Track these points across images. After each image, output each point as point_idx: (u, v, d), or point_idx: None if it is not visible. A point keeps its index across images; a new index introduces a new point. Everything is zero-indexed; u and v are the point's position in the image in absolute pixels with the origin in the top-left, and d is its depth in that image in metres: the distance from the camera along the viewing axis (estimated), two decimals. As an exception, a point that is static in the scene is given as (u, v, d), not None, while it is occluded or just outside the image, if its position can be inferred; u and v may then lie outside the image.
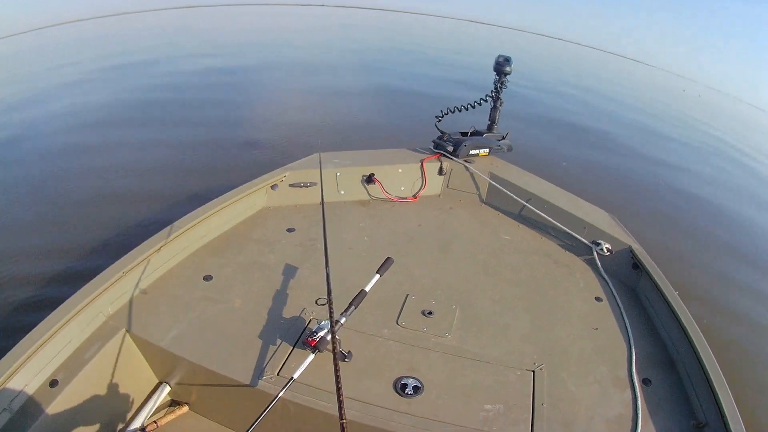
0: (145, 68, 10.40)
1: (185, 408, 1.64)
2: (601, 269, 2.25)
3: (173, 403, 1.67)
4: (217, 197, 2.22)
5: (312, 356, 1.42)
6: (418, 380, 1.49)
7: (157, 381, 1.67)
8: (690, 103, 23.75)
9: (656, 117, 14.03)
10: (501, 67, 2.89)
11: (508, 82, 2.94)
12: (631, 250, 2.29)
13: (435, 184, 2.87)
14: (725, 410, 1.41)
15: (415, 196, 2.77)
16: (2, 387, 1.29)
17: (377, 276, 1.61)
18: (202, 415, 1.64)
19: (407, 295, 1.89)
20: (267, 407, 1.24)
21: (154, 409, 1.59)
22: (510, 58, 2.89)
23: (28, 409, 1.32)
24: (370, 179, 2.69)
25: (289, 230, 2.29)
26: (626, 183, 6.45)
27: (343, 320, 1.48)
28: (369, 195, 2.71)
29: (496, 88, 2.94)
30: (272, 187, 2.48)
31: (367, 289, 1.57)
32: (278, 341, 1.59)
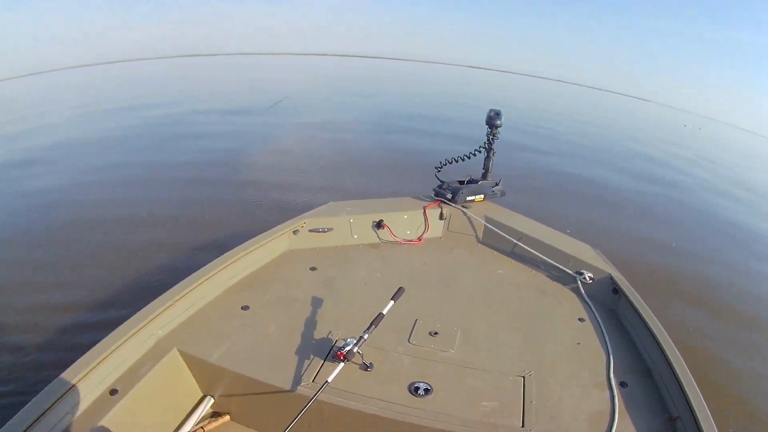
0: (158, 121, 11.59)
1: (227, 417, 1.89)
2: (585, 295, 2.54)
3: (215, 414, 1.92)
4: (246, 241, 2.56)
5: (342, 365, 1.72)
6: (428, 384, 1.78)
7: (202, 394, 1.93)
8: (700, 140, 24.81)
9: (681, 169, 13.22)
10: (492, 120, 3.25)
11: (499, 133, 3.30)
12: (611, 278, 2.59)
13: (437, 227, 3.22)
14: (694, 405, 1.65)
15: (419, 239, 3.10)
16: (67, 393, 1.54)
17: (392, 302, 1.97)
18: (242, 424, 1.89)
19: (416, 319, 2.20)
20: (306, 405, 1.52)
21: (198, 420, 1.85)
22: (500, 111, 3.25)
23: (90, 413, 1.57)
24: (379, 225, 3.04)
25: (312, 269, 2.62)
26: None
27: (366, 336, 1.81)
28: (379, 239, 3.05)
29: (488, 140, 3.32)
30: (294, 232, 2.83)
31: (384, 311, 1.92)
32: (311, 356, 1.89)
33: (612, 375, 1.93)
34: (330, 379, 1.64)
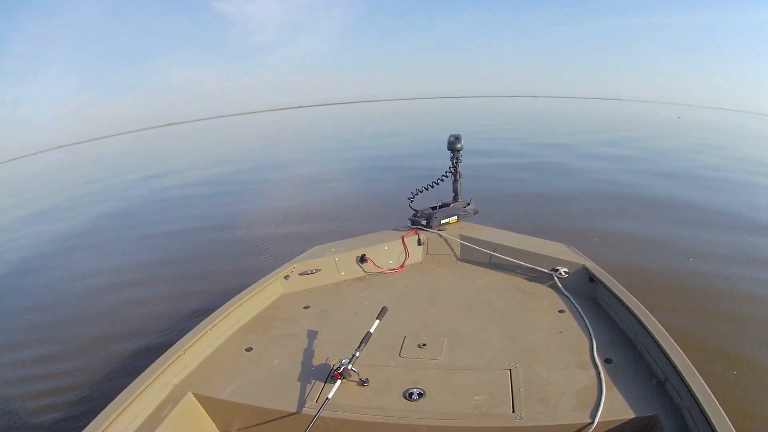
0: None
1: None
2: (562, 288, 2.72)
3: None
4: (241, 291, 2.75)
5: (339, 382, 1.89)
6: (421, 389, 1.95)
7: None
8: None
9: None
10: (453, 145, 3.49)
11: (462, 156, 3.55)
12: (585, 268, 2.76)
13: (417, 253, 3.43)
14: (679, 366, 1.77)
15: (402, 266, 3.30)
16: None
17: (377, 321, 2.18)
18: None
19: (405, 336, 2.37)
20: (311, 422, 1.69)
21: None
22: (459, 135, 3.48)
23: None
24: (363, 259, 3.24)
25: (305, 308, 2.80)
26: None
27: (357, 354, 1.99)
28: (364, 271, 3.24)
29: (453, 164, 3.56)
30: (285, 277, 3.04)
31: (371, 330, 2.12)
32: (313, 380, 2.06)
33: (596, 354, 2.06)
34: (330, 396, 1.81)
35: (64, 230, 9.66)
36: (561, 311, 2.53)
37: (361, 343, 2.04)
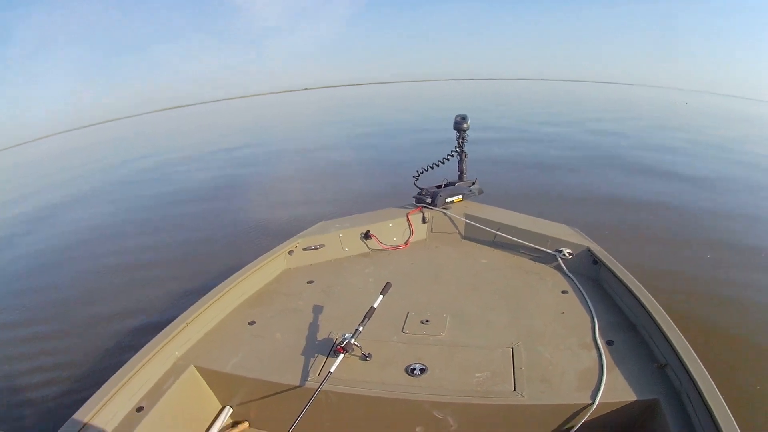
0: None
1: (245, 425, 2.05)
2: (566, 270, 2.71)
3: (235, 424, 2.08)
4: (246, 265, 2.76)
5: (342, 356, 1.90)
6: (424, 364, 1.95)
7: (220, 406, 2.09)
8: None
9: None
10: (459, 125, 3.47)
11: (468, 136, 3.53)
12: (589, 250, 2.74)
13: (421, 231, 3.42)
14: (680, 351, 1.76)
15: (406, 243, 3.29)
16: (98, 412, 1.70)
17: (381, 296, 2.17)
18: (260, 429, 2.05)
19: (408, 312, 2.37)
20: (313, 395, 1.70)
21: (219, 430, 2.00)
22: (466, 116, 3.47)
23: (121, 429, 1.72)
24: (367, 235, 3.23)
25: (309, 282, 2.80)
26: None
27: (361, 329, 1.99)
28: (368, 248, 3.24)
29: (458, 143, 3.55)
30: (289, 252, 3.04)
31: (375, 305, 2.11)
32: (316, 354, 2.06)
33: (598, 335, 2.05)
34: (332, 369, 1.81)
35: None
36: (564, 292, 2.51)
37: (365, 318, 2.04)
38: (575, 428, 1.70)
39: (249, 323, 2.37)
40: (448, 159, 3.60)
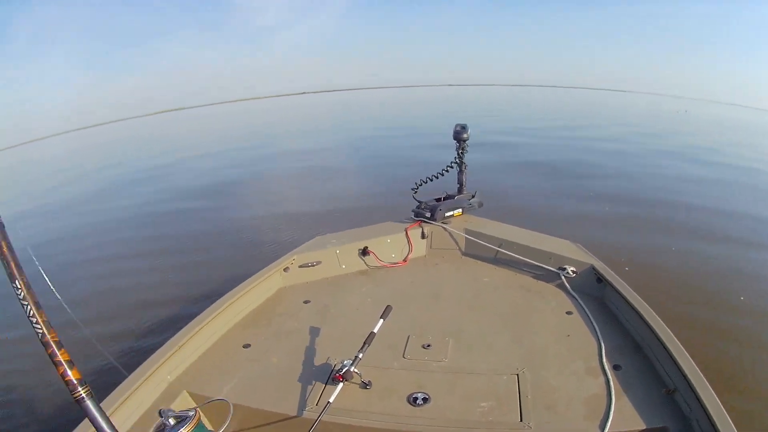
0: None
1: None
2: (570, 289, 2.64)
3: None
4: (240, 283, 2.67)
5: (341, 385, 1.81)
6: (426, 393, 1.87)
7: None
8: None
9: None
10: (459, 135, 3.35)
11: (468, 147, 3.41)
12: (593, 268, 2.68)
13: (420, 247, 3.34)
14: (689, 376, 1.70)
15: (405, 260, 3.21)
16: None
17: (381, 320, 2.07)
18: None
19: (408, 335, 2.29)
20: (312, 426, 1.61)
21: None
22: (466, 125, 3.35)
23: None
24: (365, 252, 3.15)
25: (305, 302, 2.72)
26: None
27: (360, 356, 1.90)
28: (366, 265, 3.16)
29: (458, 154, 3.44)
30: (285, 269, 2.96)
31: (375, 330, 2.02)
32: (313, 381, 1.98)
33: (605, 360, 2.00)
34: (331, 400, 1.73)
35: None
36: (569, 313, 2.45)
37: (365, 344, 1.95)
38: None
39: (244, 346, 2.29)
40: (447, 170, 3.51)
